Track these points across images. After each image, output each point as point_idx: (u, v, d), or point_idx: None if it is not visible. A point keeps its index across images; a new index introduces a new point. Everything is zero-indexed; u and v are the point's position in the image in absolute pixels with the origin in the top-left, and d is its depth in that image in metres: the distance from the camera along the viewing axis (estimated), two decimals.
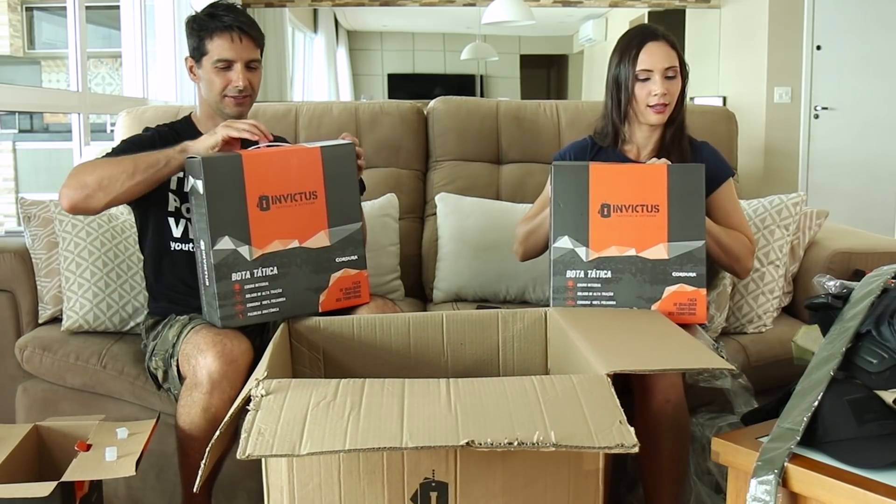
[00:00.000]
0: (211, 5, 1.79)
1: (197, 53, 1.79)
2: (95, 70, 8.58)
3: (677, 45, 1.84)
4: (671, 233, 1.63)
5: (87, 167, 1.68)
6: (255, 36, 1.79)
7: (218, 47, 1.75)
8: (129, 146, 1.80)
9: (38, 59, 9.13)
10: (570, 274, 1.65)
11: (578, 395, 1.16)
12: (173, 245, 1.81)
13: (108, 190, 1.64)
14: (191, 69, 1.83)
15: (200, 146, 1.66)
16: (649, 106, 1.81)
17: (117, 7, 4.00)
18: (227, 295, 1.58)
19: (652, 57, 1.80)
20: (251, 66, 1.79)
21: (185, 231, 1.81)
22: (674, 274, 1.63)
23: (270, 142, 1.69)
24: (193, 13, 1.81)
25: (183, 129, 1.87)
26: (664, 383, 1.52)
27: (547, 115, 2.51)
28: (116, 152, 1.77)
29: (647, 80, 1.80)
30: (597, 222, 1.63)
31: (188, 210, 1.78)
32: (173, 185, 1.80)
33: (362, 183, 1.86)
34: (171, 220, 1.81)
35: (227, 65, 1.76)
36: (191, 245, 1.80)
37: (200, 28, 1.77)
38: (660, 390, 1.52)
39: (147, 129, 1.89)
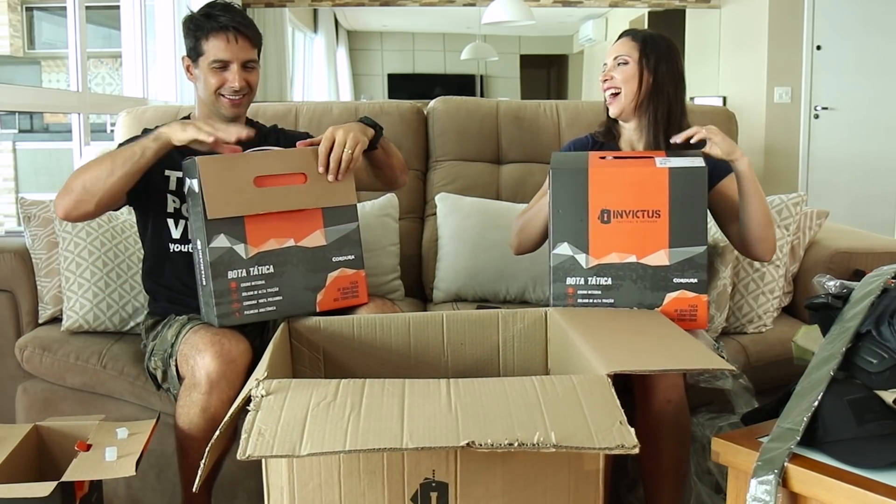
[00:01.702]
0: (207, 5, 1.79)
1: (193, 53, 1.78)
2: (95, 70, 8.58)
3: (649, 42, 1.85)
4: (672, 238, 1.60)
5: (74, 173, 1.68)
6: (251, 36, 1.78)
7: (214, 48, 1.75)
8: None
9: (38, 59, 9.13)
10: (570, 281, 1.62)
11: (579, 396, 1.16)
12: (172, 246, 1.81)
13: (92, 191, 1.63)
14: (188, 69, 1.83)
15: (173, 134, 1.62)
16: (605, 95, 1.88)
17: (117, 7, 4.00)
18: (224, 293, 1.58)
19: (610, 51, 1.89)
20: (248, 66, 1.78)
21: (185, 232, 1.81)
22: (675, 280, 1.60)
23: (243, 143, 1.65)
24: (190, 13, 1.81)
25: None
26: (665, 383, 1.52)
27: (547, 115, 2.51)
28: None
29: (605, 71, 1.89)
30: (597, 228, 1.61)
31: (188, 210, 1.79)
32: (172, 186, 1.80)
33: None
34: (171, 221, 1.81)
35: (224, 65, 1.76)
36: (190, 246, 1.80)
37: (197, 28, 1.76)
38: (661, 390, 1.51)
39: (146, 130, 1.89)
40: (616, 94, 1.85)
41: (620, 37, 1.90)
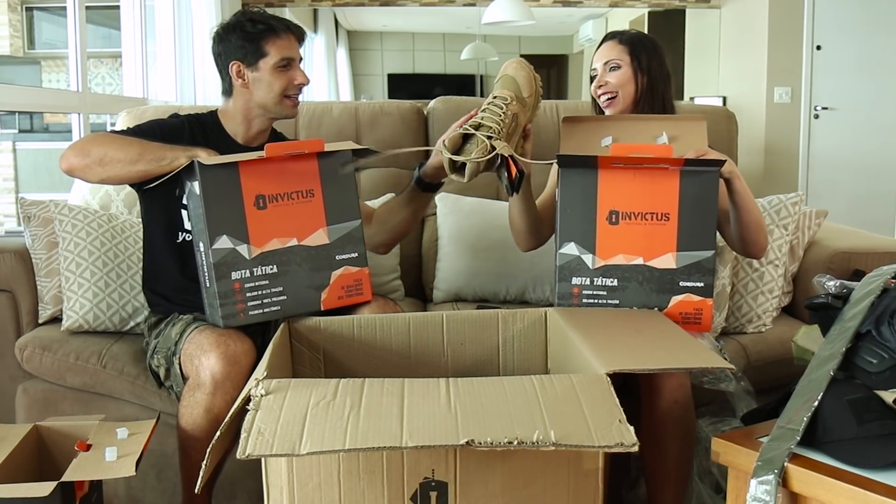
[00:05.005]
0: (243, 13, 1.80)
1: (252, 56, 1.76)
2: (95, 70, 8.58)
3: (637, 43, 1.86)
4: (680, 242, 1.59)
5: (99, 138, 1.68)
6: (300, 37, 1.83)
7: (280, 47, 1.76)
8: (156, 128, 1.78)
9: (38, 59, 9.14)
10: (575, 281, 1.62)
11: (578, 395, 1.16)
12: (183, 235, 1.80)
13: (106, 168, 1.64)
14: (238, 73, 1.79)
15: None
16: (599, 100, 1.89)
17: (117, 7, 3.99)
18: (228, 294, 1.58)
19: (598, 55, 1.91)
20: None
21: None
22: (681, 283, 1.59)
23: None
24: (236, 20, 1.79)
25: (209, 122, 1.86)
26: (672, 383, 1.51)
27: (547, 115, 2.51)
28: (141, 130, 1.76)
29: (595, 77, 1.90)
30: (604, 229, 1.60)
31: (188, 214, 1.78)
32: None
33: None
34: (184, 212, 1.79)
35: (289, 63, 1.78)
36: None
37: (256, 31, 1.76)
38: (668, 391, 1.51)
39: (176, 115, 1.88)
40: (613, 98, 1.86)
41: (604, 41, 1.91)
